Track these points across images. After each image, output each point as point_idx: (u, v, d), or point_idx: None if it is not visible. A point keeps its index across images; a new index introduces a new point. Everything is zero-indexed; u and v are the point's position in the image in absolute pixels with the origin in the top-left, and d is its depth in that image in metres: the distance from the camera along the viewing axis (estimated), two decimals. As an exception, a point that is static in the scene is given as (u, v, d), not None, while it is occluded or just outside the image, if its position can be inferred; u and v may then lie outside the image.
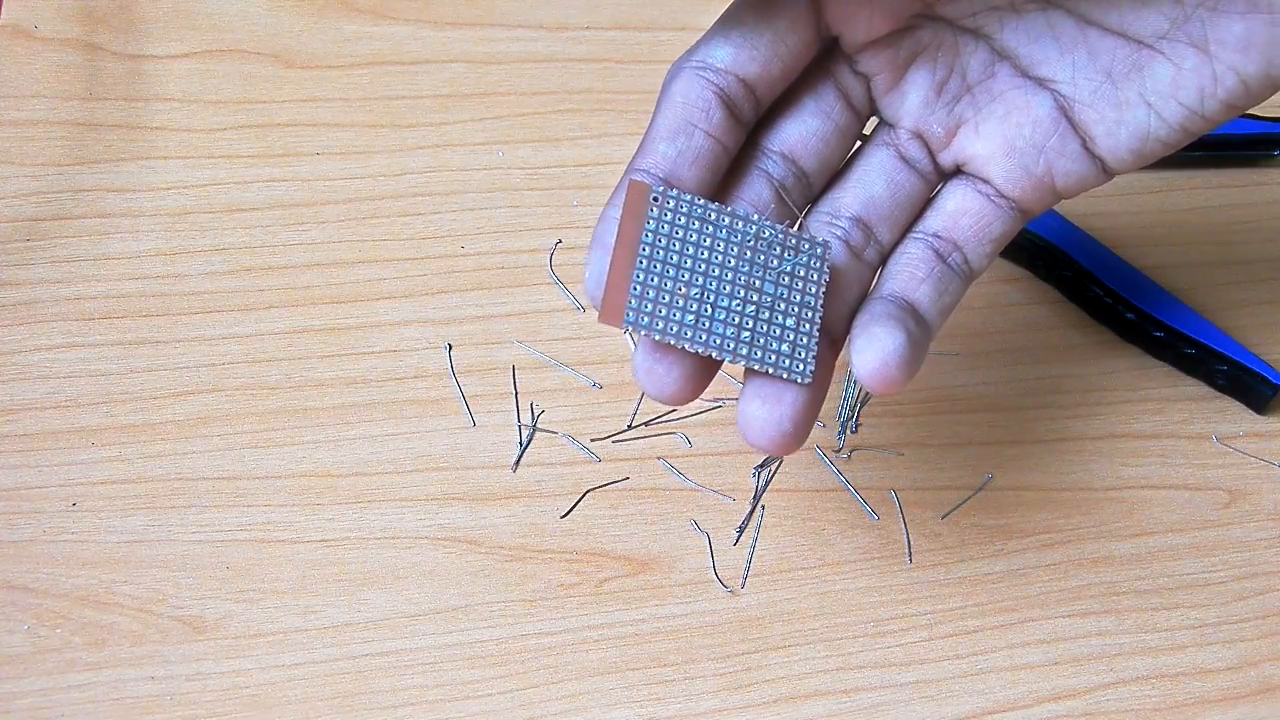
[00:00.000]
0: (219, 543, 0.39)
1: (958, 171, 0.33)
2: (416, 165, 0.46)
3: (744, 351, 0.29)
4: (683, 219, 0.29)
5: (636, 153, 0.30)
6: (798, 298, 0.30)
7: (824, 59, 0.32)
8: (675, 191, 0.29)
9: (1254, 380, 0.43)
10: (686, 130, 0.30)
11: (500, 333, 0.43)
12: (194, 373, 0.41)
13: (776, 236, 0.30)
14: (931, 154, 0.33)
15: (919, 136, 0.33)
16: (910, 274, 0.32)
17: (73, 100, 0.46)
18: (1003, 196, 0.33)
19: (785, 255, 0.30)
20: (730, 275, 0.29)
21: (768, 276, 0.29)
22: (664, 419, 0.42)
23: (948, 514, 0.41)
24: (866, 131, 0.34)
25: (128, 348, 0.41)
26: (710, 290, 0.29)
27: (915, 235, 0.33)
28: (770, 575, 0.40)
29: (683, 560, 0.40)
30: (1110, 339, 0.45)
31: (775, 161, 0.32)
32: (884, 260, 0.33)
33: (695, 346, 0.29)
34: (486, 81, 0.48)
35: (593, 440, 0.41)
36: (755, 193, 0.31)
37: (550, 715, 0.37)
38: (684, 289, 0.29)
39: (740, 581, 0.40)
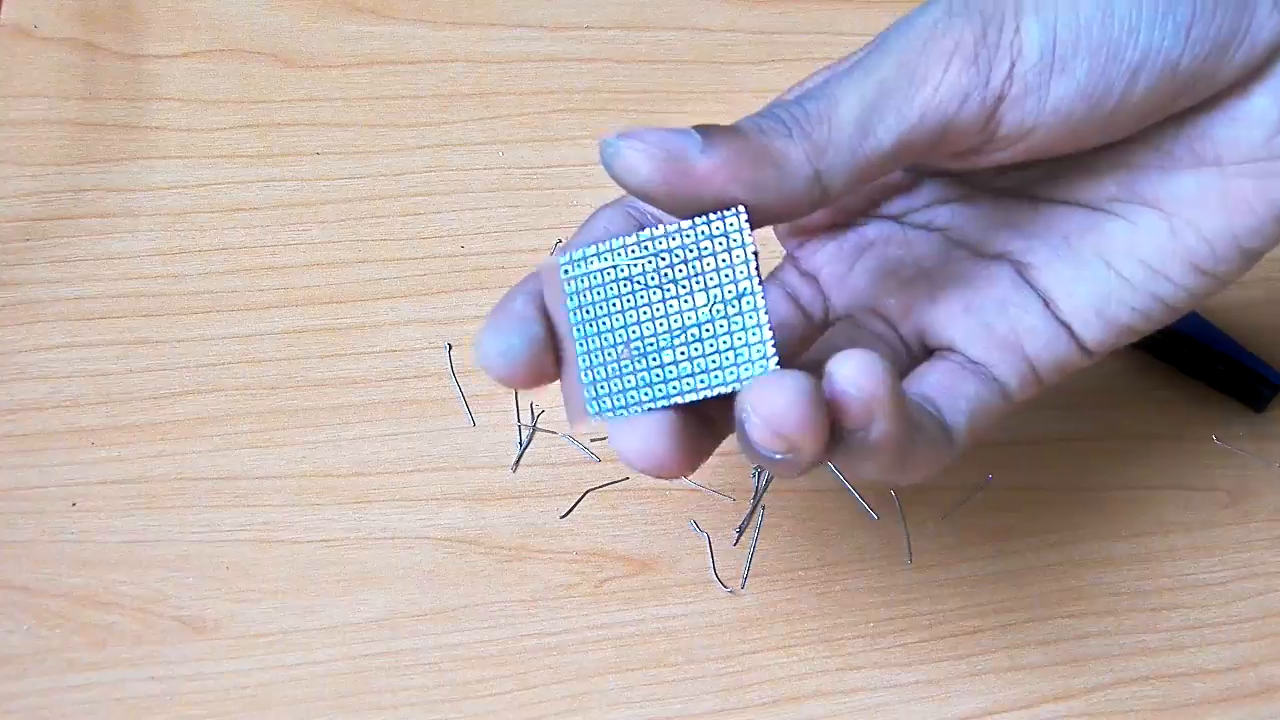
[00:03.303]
0: (219, 543, 0.39)
1: (925, 350, 0.32)
2: (416, 165, 0.46)
3: (704, 381, 0.26)
4: (597, 276, 0.27)
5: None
6: (733, 289, 0.26)
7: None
8: (569, 255, 0.27)
9: (1254, 380, 0.43)
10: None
11: (500, 333, 0.43)
12: (194, 373, 0.41)
13: (678, 235, 0.26)
14: (894, 327, 0.32)
15: (877, 314, 0.32)
16: None
17: (73, 100, 0.46)
18: (970, 361, 0.30)
19: (700, 249, 0.26)
20: (660, 307, 0.26)
21: (695, 285, 0.26)
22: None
23: (948, 514, 0.41)
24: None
25: (128, 348, 0.41)
26: (649, 334, 0.26)
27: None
28: (770, 575, 0.40)
29: (683, 560, 0.40)
30: (1110, 339, 0.45)
31: None
32: None
33: (660, 402, 0.26)
34: (486, 81, 0.48)
35: (593, 440, 0.41)
36: None
37: (550, 715, 0.37)
38: (625, 350, 0.27)
39: (740, 581, 0.40)
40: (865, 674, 0.38)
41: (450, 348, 0.43)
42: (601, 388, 0.27)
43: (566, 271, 0.27)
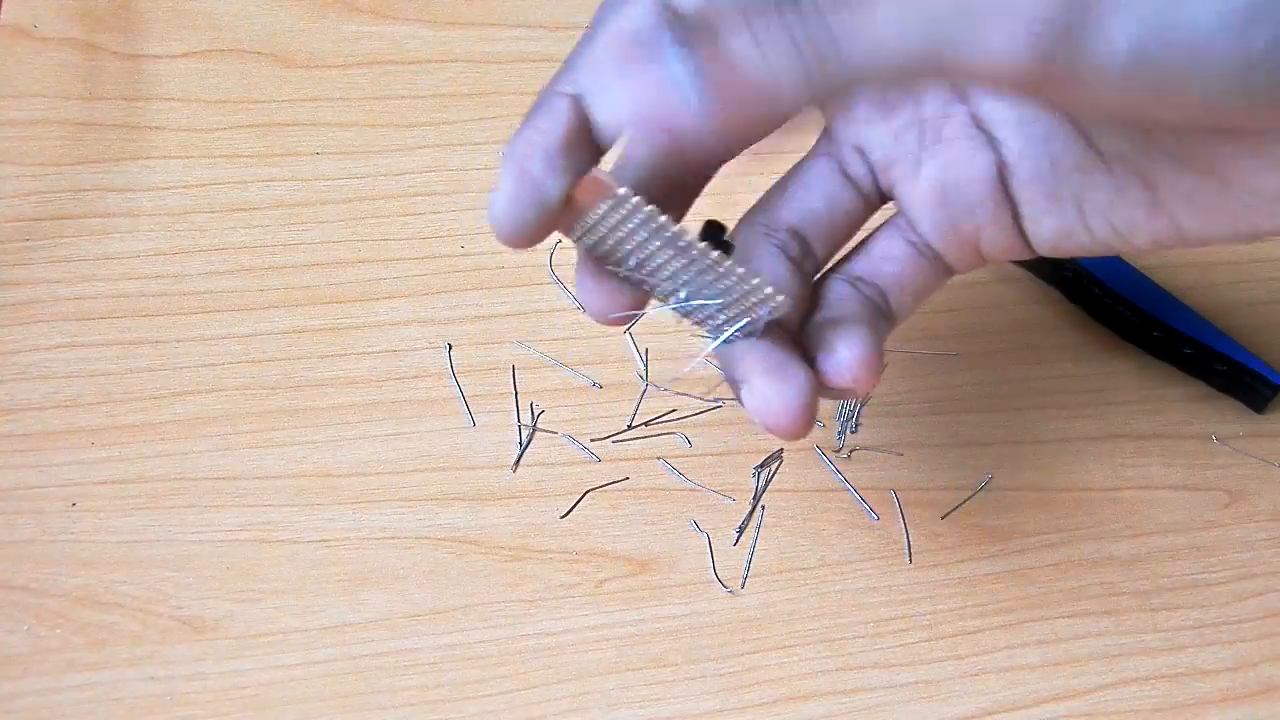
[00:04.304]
0: (219, 543, 0.39)
1: (889, 204, 0.32)
2: (416, 165, 0.46)
3: (688, 307, 0.28)
4: (627, 226, 0.26)
5: (578, 62, 0.28)
6: (739, 315, 0.28)
7: None
8: (620, 193, 0.25)
9: (1254, 380, 0.43)
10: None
11: (500, 333, 0.43)
12: (194, 373, 0.41)
13: (729, 277, 0.27)
14: (873, 172, 0.32)
15: (861, 152, 0.32)
16: (842, 308, 0.31)
17: (73, 100, 0.46)
18: (929, 247, 0.32)
19: (727, 290, 0.27)
20: (669, 279, 0.28)
21: (710, 294, 0.27)
22: (664, 419, 0.42)
23: (948, 514, 0.41)
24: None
25: (128, 348, 0.41)
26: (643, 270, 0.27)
27: (840, 276, 0.32)
28: (770, 575, 0.40)
29: (683, 560, 0.40)
30: (1110, 339, 0.45)
31: None
32: (815, 275, 0.32)
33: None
34: (486, 81, 0.48)
35: (593, 440, 0.41)
36: None
37: (550, 715, 0.37)
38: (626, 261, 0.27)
39: (740, 581, 0.40)
40: (865, 674, 0.38)
41: (450, 348, 0.43)
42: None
43: (604, 205, 0.26)
